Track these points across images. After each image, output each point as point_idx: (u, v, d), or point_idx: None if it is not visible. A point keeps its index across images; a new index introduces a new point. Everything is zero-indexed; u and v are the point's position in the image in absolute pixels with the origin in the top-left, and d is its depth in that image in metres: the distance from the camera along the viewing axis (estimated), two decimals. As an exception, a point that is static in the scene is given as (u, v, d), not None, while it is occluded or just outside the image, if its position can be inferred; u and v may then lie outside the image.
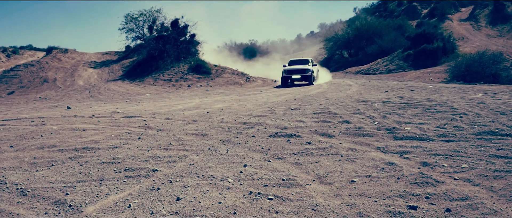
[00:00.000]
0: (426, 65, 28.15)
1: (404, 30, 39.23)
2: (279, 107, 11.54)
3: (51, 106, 16.82)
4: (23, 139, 7.94)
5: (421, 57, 29.47)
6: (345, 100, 12.67)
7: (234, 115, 10.24)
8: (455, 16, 48.60)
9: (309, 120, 8.93)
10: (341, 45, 44.29)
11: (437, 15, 48.57)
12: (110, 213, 3.87)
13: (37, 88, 24.30)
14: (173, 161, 5.80)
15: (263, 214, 3.79)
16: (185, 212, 3.86)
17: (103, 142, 7.36)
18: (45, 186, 4.81)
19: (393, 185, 4.45)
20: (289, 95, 16.35)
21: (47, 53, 33.01)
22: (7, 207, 4.13)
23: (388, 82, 21.90)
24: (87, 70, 28.99)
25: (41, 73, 26.91)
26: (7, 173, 5.48)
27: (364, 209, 3.83)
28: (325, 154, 5.94)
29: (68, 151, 6.63)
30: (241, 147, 6.61)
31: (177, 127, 8.83)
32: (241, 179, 4.86)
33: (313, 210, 3.84)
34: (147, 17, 32.98)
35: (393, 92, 15.12)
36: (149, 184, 4.77)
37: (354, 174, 4.93)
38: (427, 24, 40.37)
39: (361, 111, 9.86)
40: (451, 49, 29.64)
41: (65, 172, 5.41)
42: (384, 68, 31.32)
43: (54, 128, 9.13)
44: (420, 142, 6.47)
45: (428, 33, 31.83)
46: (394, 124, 8.00)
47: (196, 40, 29.96)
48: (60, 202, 4.22)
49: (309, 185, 4.56)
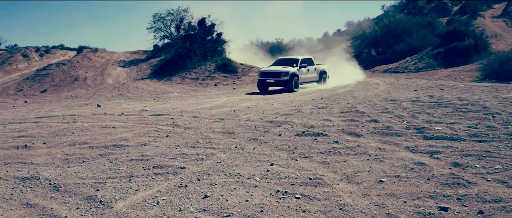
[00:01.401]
0: (457, 64, 27.44)
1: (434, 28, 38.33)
2: (305, 106, 11.49)
3: (81, 104, 17.24)
4: (55, 136, 8.16)
5: (451, 55, 28.75)
6: (373, 99, 12.51)
7: (261, 114, 10.25)
8: (487, 13, 47.19)
9: (336, 119, 8.85)
10: (369, 43, 43.66)
11: (469, 12, 47.27)
12: (139, 209, 3.94)
13: (69, 87, 24.93)
14: (200, 159, 5.85)
15: (290, 213, 3.78)
16: (212, 209, 3.89)
17: (132, 139, 7.49)
18: (76, 182, 4.94)
19: (423, 186, 4.36)
20: (315, 94, 16.27)
21: (78, 52, 33.85)
22: (41, 201, 4.26)
23: (417, 81, 21.49)
24: (116, 69, 29.56)
25: (72, 72, 27.59)
26: (40, 168, 5.65)
27: (393, 209, 3.77)
28: (352, 154, 5.88)
29: (98, 148, 6.78)
30: (267, 146, 6.62)
31: (204, 125, 8.90)
32: (268, 177, 4.86)
33: (341, 209, 3.80)
34: (174, 16, 33.37)
35: (423, 91, 14.82)
36: (177, 181, 4.83)
37: (382, 174, 4.86)
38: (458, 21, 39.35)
39: (390, 110, 9.71)
40: (483, 47, 28.78)
41: (95, 169, 5.53)
42: (413, 66, 30.72)
43: (85, 126, 9.35)
44: (451, 142, 6.32)
45: (459, 30, 31.03)
46: (423, 123, 7.84)
47: (222, 39, 30.13)
48: (91, 197, 4.32)
49: (336, 185, 4.52)
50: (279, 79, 18.90)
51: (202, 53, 28.51)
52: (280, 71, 19.03)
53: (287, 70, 18.94)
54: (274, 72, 19.28)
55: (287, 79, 18.72)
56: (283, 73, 18.86)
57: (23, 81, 25.76)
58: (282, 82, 18.98)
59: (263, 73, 19.68)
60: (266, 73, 19.67)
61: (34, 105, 18.37)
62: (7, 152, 6.78)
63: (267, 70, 19.79)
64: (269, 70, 19.69)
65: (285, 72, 18.87)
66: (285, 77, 18.72)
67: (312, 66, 21.09)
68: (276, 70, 19.37)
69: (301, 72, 19.82)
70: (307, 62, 20.66)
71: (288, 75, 18.72)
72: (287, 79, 18.72)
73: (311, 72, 20.89)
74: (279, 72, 19.05)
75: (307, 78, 20.56)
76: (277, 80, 19.05)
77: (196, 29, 30.17)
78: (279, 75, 18.92)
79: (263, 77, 19.53)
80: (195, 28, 30.49)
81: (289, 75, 18.74)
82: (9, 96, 22.68)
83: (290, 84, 18.79)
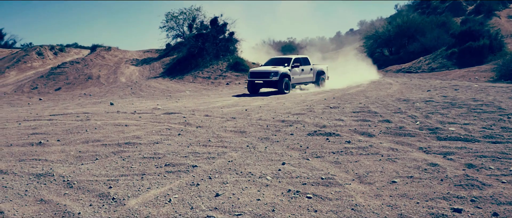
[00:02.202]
0: (471, 64, 27.11)
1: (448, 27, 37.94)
2: (317, 105, 11.45)
3: (95, 102, 17.40)
4: (69, 133, 8.25)
5: (466, 55, 28.40)
6: (385, 99, 12.42)
7: (272, 113, 10.25)
8: (503, 12, 46.52)
9: (348, 118, 8.81)
10: (382, 42, 43.37)
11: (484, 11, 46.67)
12: (152, 207, 3.96)
13: (82, 85, 25.18)
14: (212, 158, 5.86)
15: (302, 212, 3.77)
16: (224, 208, 3.90)
17: (145, 137, 7.54)
18: (89, 179, 4.99)
19: (436, 187, 4.32)
20: (328, 93, 16.21)
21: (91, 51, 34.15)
22: (55, 198, 4.31)
23: (430, 81, 21.28)
24: (129, 68, 29.78)
25: (85, 70, 27.87)
26: (54, 165, 5.71)
27: (405, 210, 3.74)
28: (365, 154, 5.84)
29: (111, 146, 6.84)
30: (279, 145, 6.61)
31: (216, 124, 8.93)
32: (280, 176, 4.86)
33: (353, 210, 3.78)
34: (187, 15, 33.50)
35: (436, 91, 14.68)
36: (189, 179, 4.85)
37: (395, 174, 4.82)
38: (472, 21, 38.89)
39: (402, 110, 9.64)
40: (499, 47, 28.39)
41: (108, 166, 5.58)
42: (427, 66, 30.44)
43: (98, 124, 9.44)
44: (465, 143, 6.25)
45: (473, 30, 30.65)
46: (437, 124, 7.76)
47: (234, 38, 30.18)
48: (104, 194, 4.36)
49: (348, 185, 4.50)
50: (268, 79, 17.66)
51: (214, 52, 28.59)
52: (269, 71, 17.78)
53: (277, 70, 17.67)
54: (263, 72, 17.99)
55: (277, 80, 17.49)
56: (272, 73, 17.62)
57: (38, 79, 26.09)
58: (271, 83, 17.75)
59: (252, 74, 18.47)
60: (255, 73, 18.44)
61: (48, 102, 18.59)
62: (22, 148, 6.87)
63: (256, 70, 18.58)
64: (258, 70, 18.46)
65: (274, 72, 17.61)
66: (274, 78, 17.49)
67: (308, 66, 19.72)
68: (265, 70, 18.11)
69: (293, 72, 18.53)
70: (301, 61, 19.35)
71: (278, 75, 17.49)
72: (277, 80, 17.49)
73: (306, 73, 19.51)
74: (268, 72, 17.79)
75: (301, 79, 19.27)
76: (266, 81, 17.79)
77: (208, 28, 30.27)
78: (268, 76, 17.68)
79: (252, 77, 18.34)
80: (207, 27, 30.59)
81: (278, 76, 17.51)
82: (24, 93, 22.99)
83: (280, 85, 17.54)
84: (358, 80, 22.97)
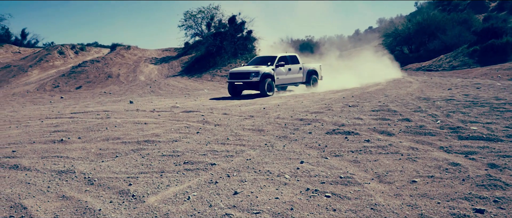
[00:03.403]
0: (494, 62, 26.54)
1: (470, 25, 37.22)
2: (336, 104, 11.38)
3: (115, 100, 17.63)
4: (89, 131, 8.38)
5: (488, 53, 27.82)
6: (405, 98, 12.27)
7: (291, 111, 10.22)
8: (527, 9, 45.43)
9: (367, 117, 8.73)
10: (401, 40, 42.80)
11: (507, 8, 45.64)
12: (171, 204, 4.00)
13: (102, 83, 25.54)
14: (230, 156, 5.88)
15: (320, 211, 3.75)
16: (242, 206, 3.90)
17: (164, 135, 7.61)
18: (110, 176, 5.05)
19: (457, 187, 4.25)
20: (346, 92, 16.09)
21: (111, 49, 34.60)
22: (76, 194, 4.38)
23: (451, 79, 20.93)
24: (148, 66, 30.07)
25: (105, 68, 28.25)
26: (76, 162, 5.81)
27: (426, 210, 3.68)
28: (384, 153, 5.78)
29: (130, 144, 6.92)
30: (297, 144, 6.59)
31: (234, 122, 8.95)
32: (298, 175, 4.84)
33: (372, 209, 3.75)
34: (205, 14, 33.69)
35: (457, 90, 14.43)
36: (207, 177, 4.87)
37: (415, 174, 4.76)
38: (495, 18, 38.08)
39: (423, 109, 9.50)
40: (522, 45, 27.73)
41: (128, 164, 5.65)
42: (447, 64, 29.94)
43: (118, 121, 9.56)
44: (488, 142, 6.12)
45: (496, 27, 30.01)
46: (458, 123, 7.63)
47: (252, 36, 30.24)
48: (124, 192, 4.41)
49: (367, 184, 4.46)
50: (248, 80, 16.09)
51: (232, 50, 28.69)
52: (249, 71, 16.19)
53: (258, 70, 16.10)
54: (243, 73, 16.45)
55: (258, 81, 15.95)
56: (252, 73, 16.03)
57: (59, 77, 26.56)
58: (252, 84, 16.22)
59: (232, 75, 16.95)
60: (234, 74, 16.90)
61: (69, 101, 18.91)
62: (44, 146, 7.01)
63: (236, 71, 17.07)
64: (238, 71, 16.93)
65: (255, 72, 16.03)
66: (255, 78, 15.94)
67: (296, 65, 18.12)
68: (245, 70, 16.55)
69: (278, 72, 16.99)
70: (288, 60, 17.85)
71: (259, 76, 15.91)
72: (258, 81, 15.95)
73: (294, 72, 17.92)
74: (248, 72, 16.20)
75: (288, 79, 17.74)
76: (246, 82, 16.26)
77: (226, 27, 30.39)
78: (248, 76, 16.11)
79: (232, 79, 16.84)
80: (225, 25, 30.71)
81: (259, 76, 15.92)
82: (46, 92, 23.44)
83: (262, 86, 15.97)
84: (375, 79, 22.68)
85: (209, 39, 29.46)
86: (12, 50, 36.85)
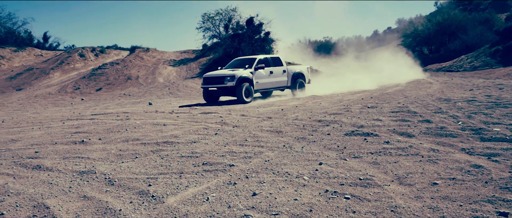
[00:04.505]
0: (516, 62, 25.99)
1: (492, 24, 36.49)
2: (355, 105, 11.29)
3: (134, 102, 17.84)
4: (109, 132, 8.49)
5: (511, 52, 27.24)
6: (425, 99, 12.09)
7: (309, 113, 10.18)
8: (551, 7, 44.35)
9: (386, 118, 8.64)
10: (421, 41, 42.25)
11: (530, 7, 44.63)
12: (190, 205, 4.02)
13: (122, 85, 25.86)
14: (249, 157, 5.89)
15: (340, 213, 3.72)
16: (261, 207, 3.90)
17: (182, 136, 7.66)
18: (130, 176, 5.11)
19: (480, 189, 4.16)
20: (365, 93, 15.95)
21: (130, 52, 35.01)
22: (97, 195, 4.44)
23: (473, 80, 20.55)
24: (167, 68, 30.32)
25: (125, 71, 28.60)
26: (96, 163, 5.89)
27: (448, 213, 3.62)
28: (404, 154, 5.71)
29: (150, 145, 6.99)
30: (316, 145, 6.56)
31: (252, 123, 8.96)
32: (317, 177, 4.82)
33: (392, 211, 3.70)
34: (223, 16, 33.80)
35: (479, 91, 14.16)
36: (226, 178, 4.89)
37: (436, 176, 4.68)
38: (518, 17, 37.20)
39: (443, 110, 9.35)
40: (547, 44, 27.09)
41: (147, 165, 5.70)
42: (469, 65, 29.42)
43: (137, 123, 9.66)
44: (511, 144, 5.99)
45: (519, 26, 29.39)
46: (480, 124, 7.48)
47: (270, 37, 30.24)
48: (143, 192, 4.45)
49: (387, 186, 4.41)
50: (222, 85, 14.35)
51: (250, 52, 28.74)
52: (224, 75, 14.44)
53: (234, 74, 14.37)
54: (217, 77, 14.67)
55: (233, 86, 14.18)
56: (227, 77, 14.29)
57: (80, 79, 26.98)
58: (227, 90, 14.47)
59: (206, 79, 15.13)
60: (208, 78, 15.05)
61: (90, 102, 19.21)
62: (66, 147, 7.13)
63: (210, 75, 15.19)
64: (212, 75, 15.11)
65: (230, 76, 14.29)
66: (230, 83, 14.20)
67: (279, 67, 16.33)
68: (220, 74, 14.81)
69: (258, 75, 15.24)
70: (270, 62, 16.14)
71: (234, 80, 14.17)
72: (233, 86, 14.18)
73: (276, 76, 16.14)
74: (223, 76, 14.46)
75: (270, 84, 16.01)
76: (220, 88, 14.48)
77: (244, 28, 30.46)
78: (223, 81, 14.36)
79: (206, 84, 15.03)
80: (243, 27, 30.78)
81: (235, 80, 14.19)
82: (67, 94, 23.85)
83: (239, 92, 14.20)
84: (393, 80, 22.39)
85: (227, 41, 29.58)
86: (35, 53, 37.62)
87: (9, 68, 32.00)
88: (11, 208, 4.09)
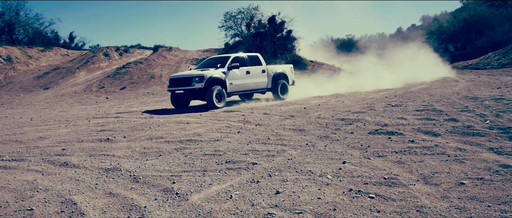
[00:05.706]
0: (547, 59, 25.20)
1: (521, 20, 35.51)
2: (378, 104, 11.15)
3: (157, 101, 18.04)
4: (134, 130, 8.61)
5: (541, 49, 26.44)
6: (451, 97, 11.85)
7: (332, 111, 10.11)
8: None
9: (411, 117, 8.50)
10: (446, 38, 41.41)
11: (561, 2, 43.21)
12: (213, 203, 4.04)
13: (145, 84, 26.18)
14: (271, 155, 5.88)
15: (364, 212, 3.69)
16: (284, 205, 3.89)
17: (205, 135, 7.71)
18: (154, 174, 5.18)
19: (509, 190, 4.06)
20: (388, 91, 15.73)
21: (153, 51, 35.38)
22: (122, 191, 4.52)
23: (501, 78, 20.03)
24: (190, 67, 30.54)
25: (148, 69, 28.93)
26: (121, 161, 5.99)
27: (476, 214, 3.54)
28: (429, 154, 5.61)
29: (173, 143, 7.06)
30: (339, 144, 6.51)
31: (274, 122, 8.95)
32: (340, 175, 4.78)
33: (418, 211, 3.64)
34: (245, 14, 33.86)
35: (508, 89, 13.79)
36: (249, 176, 4.90)
37: (463, 175, 4.59)
38: (548, 13, 36.10)
39: (470, 109, 9.15)
40: None
41: (171, 162, 5.76)
42: (496, 62, 28.69)
43: (161, 121, 9.77)
44: (542, 143, 5.82)
45: (549, 22, 28.48)
46: (509, 123, 7.29)
47: (292, 36, 30.14)
48: (168, 189, 4.51)
49: (412, 185, 4.34)
50: (190, 87, 12.43)
51: (272, 50, 28.70)
52: (192, 76, 12.53)
53: (203, 74, 12.45)
54: (184, 78, 12.76)
55: (202, 88, 12.32)
56: (195, 78, 12.39)
57: (105, 78, 27.43)
58: (196, 93, 12.53)
59: (172, 81, 13.18)
60: (175, 80, 13.11)
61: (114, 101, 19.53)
62: (92, 144, 7.26)
63: (177, 76, 13.22)
64: (179, 76, 13.15)
65: (198, 77, 12.39)
66: (199, 85, 12.31)
67: (257, 67, 14.30)
68: (187, 74, 12.87)
69: (232, 76, 13.29)
70: (247, 61, 14.13)
71: (203, 82, 12.31)
72: (202, 88, 12.32)
73: (254, 76, 14.09)
74: (190, 77, 12.55)
75: (247, 86, 13.94)
76: (188, 90, 12.52)
77: (266, 27, 30.45)
78: (190, 82, 12.46)
79: (172, 86, 13.08)
80: (265, 25, 30.78)
81: (205, 82, 12.33)
82: (92, 92, 24.28)
83: (209, 95, 12.34)
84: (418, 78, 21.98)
85: (249, 40, 29.62)
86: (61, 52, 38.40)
87: (37, 67, 32.77)
88: (40, 204, 4.19)
